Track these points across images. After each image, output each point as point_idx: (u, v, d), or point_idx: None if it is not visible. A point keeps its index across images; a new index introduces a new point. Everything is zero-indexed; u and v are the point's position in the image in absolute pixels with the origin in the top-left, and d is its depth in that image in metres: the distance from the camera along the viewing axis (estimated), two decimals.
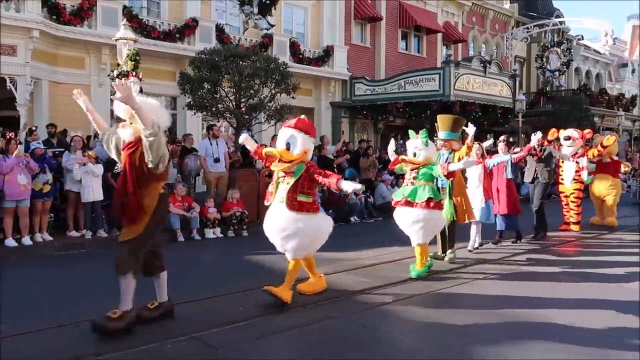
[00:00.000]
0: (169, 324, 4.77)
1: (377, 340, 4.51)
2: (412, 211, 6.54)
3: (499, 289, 6.21)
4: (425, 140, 6.70)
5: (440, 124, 7.73)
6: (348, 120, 19.74)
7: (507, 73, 20.33)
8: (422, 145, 6.69)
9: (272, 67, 12.16)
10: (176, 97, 14.95)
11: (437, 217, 6.67)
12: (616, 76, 39.00)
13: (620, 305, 5.49)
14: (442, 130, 7.66)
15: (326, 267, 7.04)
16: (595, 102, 26.94)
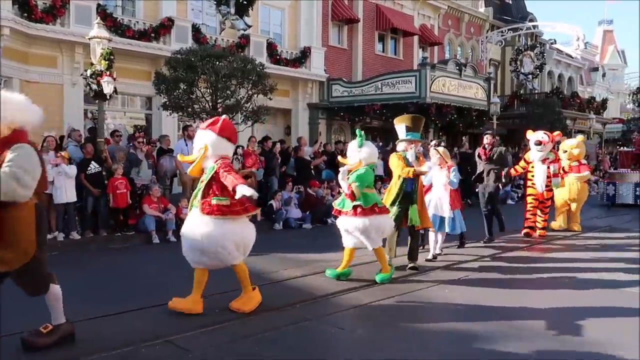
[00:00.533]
0: (143, 327, 4.70)
1: (354, 341, 4.51)
2: (345, 219, 6.33)
3: (473, 290, 6.26)
4: (360, 142, 6.41)
5: (399, 125, 7.42)
6: (325, 122, 19.77)
7: (482, 76, 20.59)
8: (355, 147, 6.45)
9: (249, 67, 12.11)
10: (151, 97, 14.78)
11: (376, 223, 6.29)
12: (587, 80, 39.86)
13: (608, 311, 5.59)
14: (402, 132, 7.37)
15: (302, 269, 7.04)
16: (567, 105, 27.47)
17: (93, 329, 4.70)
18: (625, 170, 16.51)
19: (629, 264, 7.75)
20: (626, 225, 11.90)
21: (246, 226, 5.21)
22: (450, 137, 24.64)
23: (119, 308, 5.23)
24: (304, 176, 12.96)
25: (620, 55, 46.25)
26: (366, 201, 6.25)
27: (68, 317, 4.35)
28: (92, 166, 9.52)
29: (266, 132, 16.88)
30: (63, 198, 9.01)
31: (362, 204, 6.22)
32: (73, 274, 6.85)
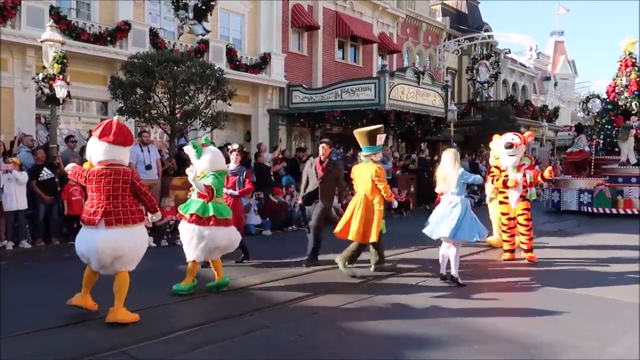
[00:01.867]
0: (96, 338, 4.58)
1: (313, 348, 4.51)
2: (185, 225, 6.04)
3: (432, 296, 6.36)
4: (197, 154, 6.08)
5: (359, 140, 7.39)
6: (285, 128, 19.76)
7: (440, 84, 21.01)
8: (194, 159, 6.13)
9: (207, 73, 12.02)
10: (107, 102, 14.46)
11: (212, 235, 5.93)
12: (540, 88, 41.20)
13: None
14: (362, 145, 7.38)
15: (261, 276, 7.00)
16: (521, 113, 28.29)
17: (43, 340, 4.56)
18: (569, 177, 17.06)
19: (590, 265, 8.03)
20: (576, 230, 12.32)
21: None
22: (409, 144, 25.04)
23: (71, 319, 5.08)
24: (264, 182, 12.91)
25: (571, 65, 48.01)
26: (204, 210, 5.94)
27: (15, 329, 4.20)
28: (44, 172, 9.24)
29: (226, 138, 16.74)
30: (13, 205, 8.72)
31: (200, 213, 5.92)
32: (22, 284, 6.64)
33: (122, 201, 5.01)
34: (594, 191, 15.66)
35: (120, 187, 5.00)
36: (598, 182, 16.03)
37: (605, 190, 15.46)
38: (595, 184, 15.92)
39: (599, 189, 15.59)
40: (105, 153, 5.03)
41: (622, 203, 15.35)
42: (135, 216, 5.08)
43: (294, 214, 12.68)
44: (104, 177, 4.98)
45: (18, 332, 4.68)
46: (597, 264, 8.14)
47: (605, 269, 7.82)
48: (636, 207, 15.22)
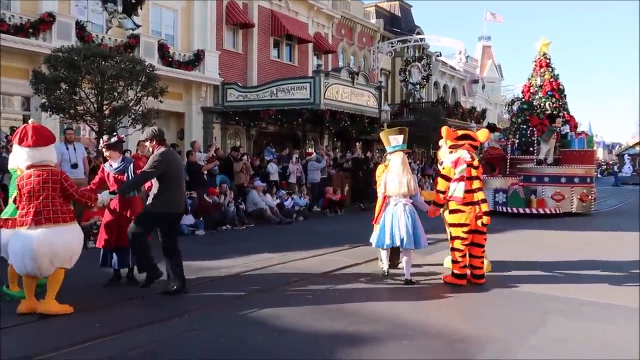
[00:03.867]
0: (8, 346, 4.33)
1: (243, 350, 4.46)
2: None
3: (365, 294, 6.45)
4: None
5: (384, 141, 7.25)
6: (220, 126, 19.48)
7: (374, 84, 21.37)
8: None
9: (137, 68, 11.65)
10: (30, 97, 13.73)
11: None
12: (469, 91, 42.74)
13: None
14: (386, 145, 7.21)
15: (192, 277, 6.85)
16: (451, 114, 29.29)
17: None
18: (485, 177, 17.42)
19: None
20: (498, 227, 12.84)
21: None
22: (344, 143, 25.34)
23: None
24: (197, 181, 12.68)
25: (498, 69, 50.05)
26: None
27: None
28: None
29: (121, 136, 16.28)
30: None
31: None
32: None
33: (52, 201, 5.09)
34: (509, 191, 15.60)
35: (50, 187, 5.09)
36: (512, 181, 16.03)
37: (519, 190, 15.48)
38: (509, 184, 15.89)
39: (513, 189, 15.58)
40: (29, 158, 5.17)
41: (535, 202, 15.45)
42: (66, 215, 5.17)
43: (228, 214, 12.53)
44: (32, 179, 5.09)
45: None
46: (525, 259, 8.50)
47: (531, 264, 8.19)
48: (548, 206, 15.45)
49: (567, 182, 15.88)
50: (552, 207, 15.53)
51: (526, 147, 16.82)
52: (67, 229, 5.16)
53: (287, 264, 8.01)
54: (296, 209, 14.65)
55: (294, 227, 13.17)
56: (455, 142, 6.87)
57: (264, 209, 13.47)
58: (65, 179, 5.22)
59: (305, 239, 10.83)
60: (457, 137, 6.90)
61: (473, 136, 6.97)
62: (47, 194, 5.06)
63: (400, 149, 7.05)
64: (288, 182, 15.96)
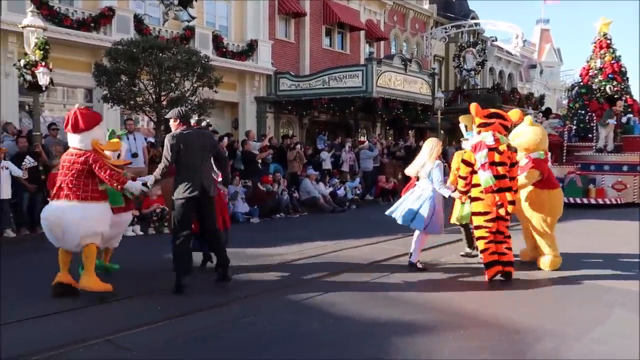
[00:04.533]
0: (81, 327, 4.57)
1: (297, 336, 4.53)
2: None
3: (420, 283, 6.40)
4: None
5: (467, 123, 6.92)
6: (273, 115, 19.68)
7: (427, 71, 21.01)
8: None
9: (193, 60, 11.91)
10: (92, 89, 14.28)
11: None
12: (526, 76, 41.35)
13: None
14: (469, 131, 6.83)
15: (247, 264, 7.00)
16: (507, 101, 28.37)
17: (27, 330, 4.53)
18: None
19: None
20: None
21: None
22: (397, 131, 25.08)
23: (58, 307, 5.06)
24: (251, 170, 12.89)
25: (557, 53, 48.20)
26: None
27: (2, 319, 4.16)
28: (26, 161, 9.13)
29: (213, 125, 16.62)
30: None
31: None
32: (6, 273, 6.58)
33: (77, 179, 5.33)
34: (565, 180, 14.69)
35: (77, 167, 5.34)
36: (569, 170, 15.34)
37: (577, 179, 14.77)
38: (566, 172, 15.15)
39: (569, 178, 14.84)
40: (79, 142, 5.45)
41: (594, 192, 14.74)
42: (87, 194, 5.34)
43: (282, 202, 12.68)
44: (66, 158, 5.48)
45: (2, 321, 4.65)
46: (580, 250, 8.23)
47: (587, 255, 7.91)
48: (609, 196, 14.72)
49: (629, 170, 15.08)
50: (612, 197, 14.86)
51: (584, 133, 16.09)
52: (84, 206, 5.30)
53: (340, 252, 8.05)
54: (349, 197, 14.66)
55: (346, 215, 13.20)
56: (484, 120, 6.37)
57: (317, 198, 13.56)
58: (95, 161, 5.33)
59: (358, 227, 10.83)
60: (486, 115, 6.41)
61: (504, 115, 6.46)
62: (74, 172, 5.32)
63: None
64: (340, 170, 15.97)
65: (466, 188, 6.54)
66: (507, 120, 6.40)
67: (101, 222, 5.45)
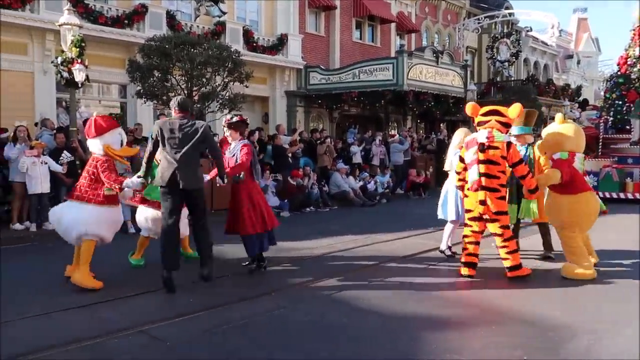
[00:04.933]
0: (116, 318, 4.68)
1: (328, 329, 4.54)
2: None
3: (451, 277, 6.35)
4: None
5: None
6: (303, 109, 19.71)
7: (459, 63, 20.70)
8: None
9: (224, 55, 12.00)
10: (126, 85, 14.55)
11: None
12: (562, 67, 40.34)
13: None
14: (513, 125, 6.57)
15: (278, 257, 7.05)
16: (542, 92, 27.78)
17: (63, 320, 4.67)
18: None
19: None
20: None
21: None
22: (428, 124, 24.82)
23: (94, 298, 5.20)
24: (282, 164, 12.96)
25: (595, 43, 46.86)
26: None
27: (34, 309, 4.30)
28: (64, 155, 9.37)
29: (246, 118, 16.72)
30: (38, 188, 8.87)
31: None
32: (46, 265, 6.78)
33: (85, 182, 5.66)
34: (600, 173, 14.26)
35: (89, 170, 5.70)
36: (605, 163, 14.75)
37: (613, 173, 14.19)
38: (601, 166, 14.58)
39: (605, 171, 14.29)
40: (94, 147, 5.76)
41: (632, 186, 14.03)
42: (90, 197, 5.61)
43: (312, 196, 12.72)
44: (87, 164, 5.89)
45: (39, 312, 4.80)
46: (618, 246, 8.01)
47: (625, 251, 7.70)
48: None
49: None
50: None
51: (622, 125, 15.41)
52: (83, 207, 5.57)
53: (371, 246, 8.04)
54: (379, 191, 14.60)
55: (377, 209, 13.15)
56: (481, 119, 6.12)
57: (347, 191, 13.55)
58: (101, 165, 5.58)
59: (389, 221, 10.79)
60: (483, 113, 6.13)
61: (501, 112, 6.07)
62: (85, 175, 5.71)
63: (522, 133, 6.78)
64: (371, 164, 15.90)
65: (460, 184, 6.40)
66: (505, 117, 6.07)
67: (99, 225, 5.61)
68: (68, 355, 3.91)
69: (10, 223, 8.96)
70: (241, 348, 4.08)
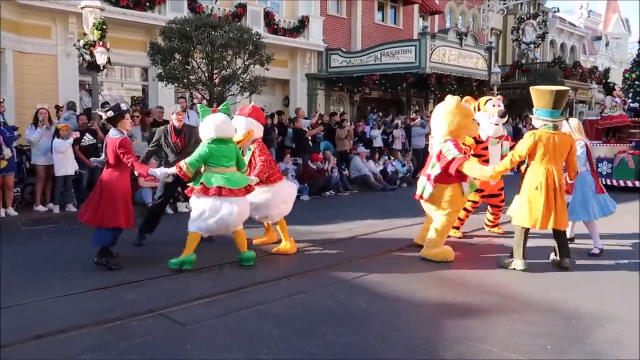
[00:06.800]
0: (136, 300, 4.71)
1: (348, 314, 4.51)
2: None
3: (472, 265, 6.26)
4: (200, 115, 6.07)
5: (536, 100, 5.80)
6: (324, 92, 19.55)
7: (483, 45, 20.28)
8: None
9: (245, 37, 11.89)
10: (147, 68, 14.56)
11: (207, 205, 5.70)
12: (590, 49, 39.35)
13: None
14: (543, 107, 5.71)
15: (299, 241, 7.02)
16: (569, 75, 27.11)
17: (84, 302, 4.71)
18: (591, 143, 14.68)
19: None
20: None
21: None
22: None
23: (114, 280, 5.24)
24: (302, 147, 12.90)
25: (624, 24, 45.56)
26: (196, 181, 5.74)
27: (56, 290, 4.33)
28: (86, 138, 9.44)
29: (264, 103, 16.72)
30: (64, 171, 8.95)
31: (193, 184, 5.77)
32: (70, 247, 6.87)
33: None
34: (615, 160, 13.25)
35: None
36: (620, 149, 13.71)
37: (628, 159, 13.12)
38: (616, 151, 13.54)
39: (620, 158, 13.27)
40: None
41: None
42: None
43: (332, 180, 12.65)
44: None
45: (61, 293, 4.85)
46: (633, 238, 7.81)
47: None
48: None
49: None
50: None
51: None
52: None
53: (391, 231, 7.97)
54: (399, 176, 14.47)
55: (397, 193, 13.03)
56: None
57: (367, 175, 13.45)
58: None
59: (409, 206, 10.58)
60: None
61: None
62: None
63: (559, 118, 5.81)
64: (391, 148, 15.74)
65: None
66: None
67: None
68: (90, 336, 3.95)
69: (34, 205, 9.07)
70: (260, 332, 4.07)
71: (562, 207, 5.71)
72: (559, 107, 5.69)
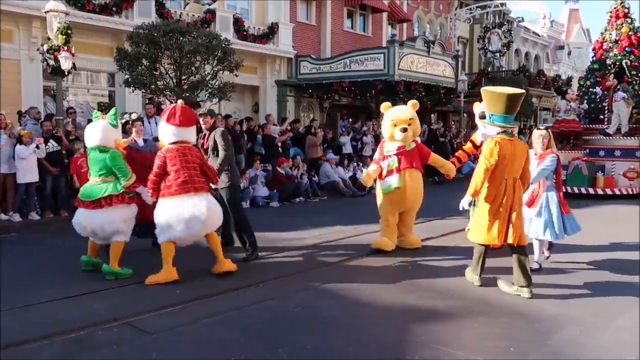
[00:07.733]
0: (101, 310, 4.63)
1: (316, 320, 4.52)
2: None
3: (437, 269, 6.34)
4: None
5: (491, 104, 5.23)
6: (294, 99, 19.57)
7: (450, 53, 20.64)
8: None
9: (214, 43, 11.85)
10: (114, 74, 14.36)
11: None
12: (553, 58, 40.40)
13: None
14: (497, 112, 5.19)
15: (267, 248, 7.01)
16: (533, 83, 27.80)
17: (49, 312, 4.61)
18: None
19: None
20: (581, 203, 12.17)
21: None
22: (419, 115, 24.74)
23: (79, 290, 5.14)
24: (272, 154, 12.89)
25: (586, 34, 46.91)
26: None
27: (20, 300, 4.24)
28: (50, 145, 9.24)
29: (234, 109, 16.65)
30: (27, 178, 8.74)
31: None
32: (32, 256, 6.71)
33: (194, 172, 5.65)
34: (569, 167, 13.04)
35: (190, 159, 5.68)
36: (575, 155, 13.59)
37: (582, 166, 13.10)
38: (571, 158, 13.33)
39: (574, 164, 13.17)
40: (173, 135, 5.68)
41: (602, 181, 13.04)
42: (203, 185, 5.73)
43: (302, 186, 12.67)
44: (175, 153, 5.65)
45: (25, 303, 4.74)
46: (606, 238, 8.04)
47: (614, 243, 7.74)
48: (619, 185, 13.03)
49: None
50: (624, 187, 13.00)
51: (595, 114, 14.37)
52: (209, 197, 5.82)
53: (360, 237, 8.02)
54: None
55: (366, 199, 13.06)
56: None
57: (336, 182, 13.51)
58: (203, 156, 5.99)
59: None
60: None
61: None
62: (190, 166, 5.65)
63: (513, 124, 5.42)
64: (361, 154, 15.85)
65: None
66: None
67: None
68: (54, 347, 3.87)
69: None
70: (227, 340, 4.05)
71: (520, 221, 5.25)
72: (513, 112, 5.18)
